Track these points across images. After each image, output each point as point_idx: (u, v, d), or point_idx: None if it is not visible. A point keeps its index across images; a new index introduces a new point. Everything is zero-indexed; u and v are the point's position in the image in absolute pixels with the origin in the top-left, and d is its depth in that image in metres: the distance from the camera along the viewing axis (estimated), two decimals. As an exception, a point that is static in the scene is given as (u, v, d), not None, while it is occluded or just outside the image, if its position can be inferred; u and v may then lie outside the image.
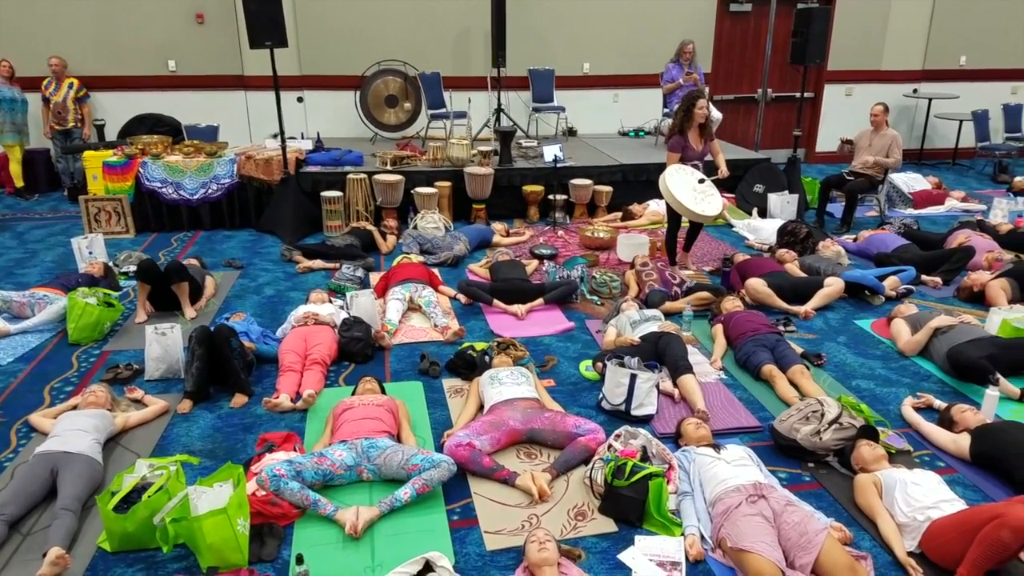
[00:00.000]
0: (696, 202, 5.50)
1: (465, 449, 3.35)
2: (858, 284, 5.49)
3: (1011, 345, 4.33)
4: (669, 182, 5.50)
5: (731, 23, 9.72)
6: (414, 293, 5.28)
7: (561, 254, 6.52)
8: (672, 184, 5.49)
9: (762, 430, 3.80)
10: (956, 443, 3.54)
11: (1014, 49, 10.33)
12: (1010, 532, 2.51)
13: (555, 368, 4.50)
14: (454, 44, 9.00)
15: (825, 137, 10.23)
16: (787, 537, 2.78)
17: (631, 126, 9.53)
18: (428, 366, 4.42)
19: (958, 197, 8.39)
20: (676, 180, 5.54)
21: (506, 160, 7.68)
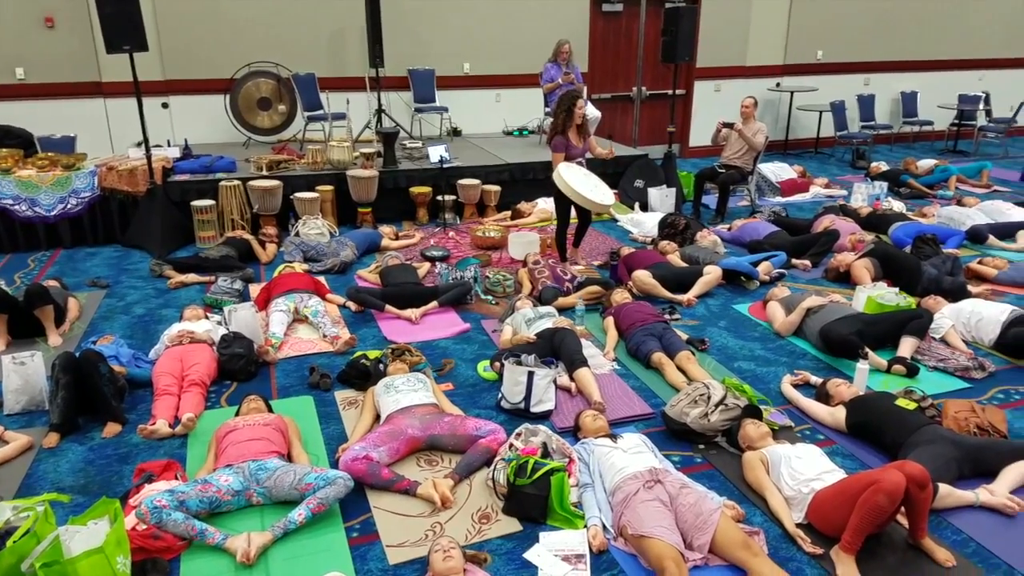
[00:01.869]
0: (593, 192, 5.63)
1: (362, 463, 3.26)
2: (734, 271, 5.74)
3: (876, 320, 4.64)
4: (565, 176, 5.58)
5: (604, 23, 9.95)
6: (299, 303, 5.10)
7: (453, 255, 6.48)
8: (568, 178, 5.58)
9: (655, 416, 3.90)
10: (833, 416, 3.75)
11: (865, 43, 11.08)
12: (885, 496, 2.67)
13: (453, 371, 4.45)
14: (329, 44, 8.78)
15: (698, 132, 10.65)
16: (684, 519, 2.86)
17: (515, 125, 9.60)
18: (318, 379, 4.26)
19: (821, 184, 8.93)
20: (570, 174, 5.63)
21: (390, 162, 7.55)
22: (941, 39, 11.43)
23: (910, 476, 2.70)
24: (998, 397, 4.09)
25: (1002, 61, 11.86)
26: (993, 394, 4.12)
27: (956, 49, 11.57)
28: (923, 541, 2.84)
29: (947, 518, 3.07)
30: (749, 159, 7.53)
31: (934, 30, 11.33)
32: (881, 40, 11.13)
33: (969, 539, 2.97)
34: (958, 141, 11.43)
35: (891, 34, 11.14)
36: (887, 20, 11.02)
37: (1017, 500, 3.11)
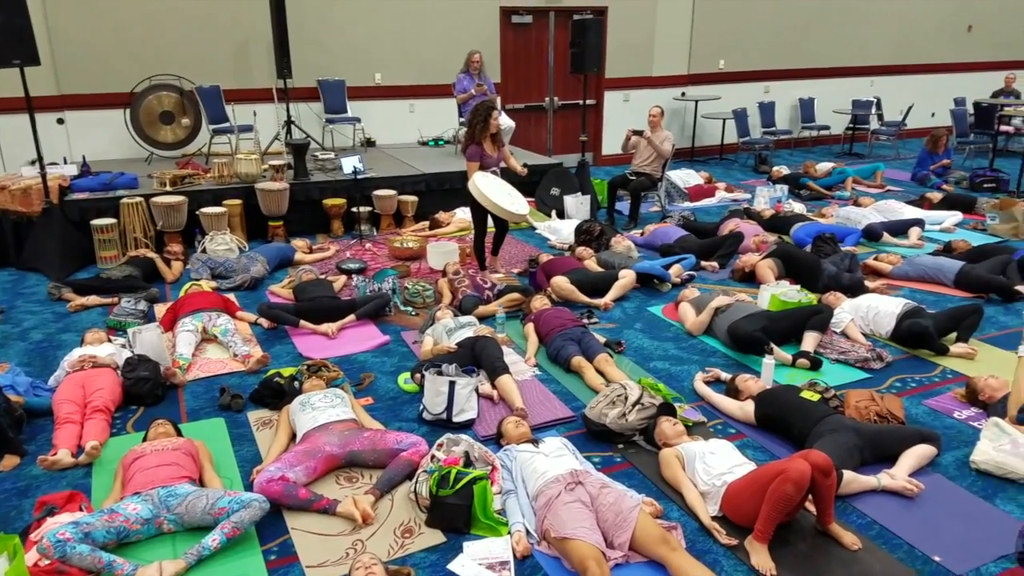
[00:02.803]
0: (509, 202, 5.66)
1: (278, 484, 3.17)
2: (648, 274, 5.89)
3: (780, 317, 4.84)
4: (480, 186, 5.60)
5: (514, 34, 10.07)
6: (207, 323, 4.93)
7: (370, 267, 6.40)
8: (484, 188, 5.60)
9: (576, 419, 3.95)
10: (743, 410, 3.89)
11: (764, 53, 11.58)
12: (792, 485, 2.78)
13: (373, 385, 4.40)
14: (234, 56, 8.56)
15: (609, 141, 10.87)
16: (604, 518, 2.91)
17: (430, 135, 9.58)
18: (230, 400, 4.12)
19: (726, 188, 9.26)
20: (485, 183, 5.65)
21: (301, 174, 7.41)
22: (835, 48, 12.05)
23: (815, 464, 2.82)
24: (895, 386, 4.33)
25: (891, 68, 12.58)
26: (891, 383, 4.35)
27: (849, 57, 12.21)
28: (830, 526, 2.97)
29: (852, 503, 3.22)
30: (658, 166, 7.74)
31: (828, 40, 11.94)
32: (779, 50, 11.65)
33: (873, 522, 3.12)
34: (853, 144, 12.06)
35: (788, 44, 11.68)
36: (784, 31, 11.55)
37: (915, 482, 3.28)
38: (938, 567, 2.87)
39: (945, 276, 5.81)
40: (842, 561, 2.86)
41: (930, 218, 7.59)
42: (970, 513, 3.18)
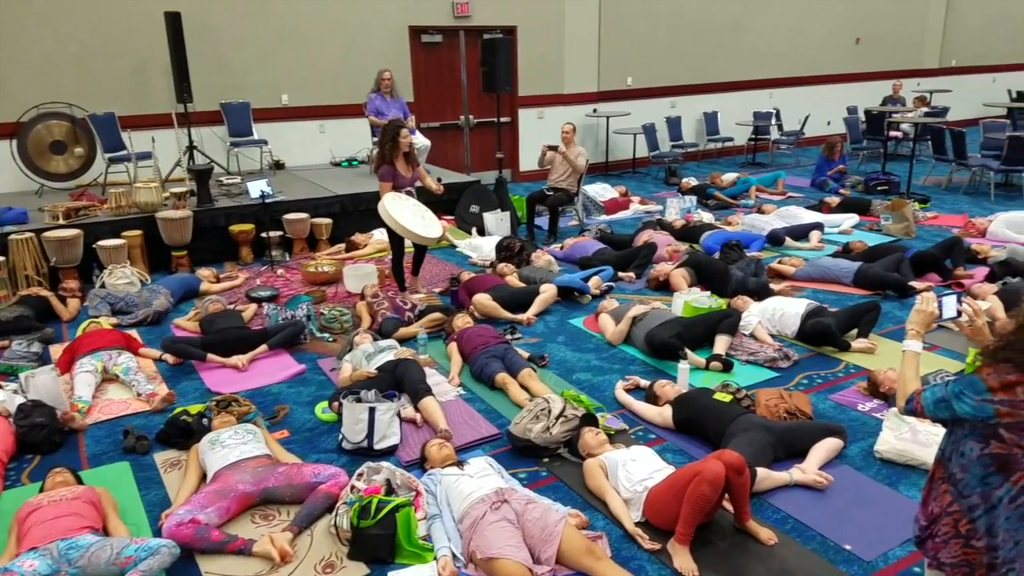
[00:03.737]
0: (420, 225, 5.60)
1: (188, 527, 3.01)
2: (568, 287, 5.94)
3: (693, 323, 4.96)
4: (390, 209, 5.52)
5: (425, 54, 10.06)
6: (108, 362, 4.67)
7: (283, 294, 6.22)
8: (393, 210, 5.52)
9: (501, 436, 3.92)
10: (661, 415, 3.95)
11: (669, 69, 11.93)
12: (708, 486, 2.83)
13: (288, 417, 4.25)
14: (129, 81, 8.23)
15: (526, 157, 10.96)
16: (531, 534, 2.88)
17: (343, 156, 9.44)
18: (134, 442, 3.90)
19: (640, 201, 9.47)
20: (396, 206, 5.57)
21: (205, 200, 7.16)
22: (735, 63, 12.52)
23: (728, 464, 2.88)
24: (803, 383, 4.48)
25: (788, 80, 13.15)
26: (798, 380, 4.50)
27: (749, 71, 12.71)
28: (747, 523, 3.04)
29: (767, 499, 3.30)
30: (573, 181, 7.84)
31: (729, 55, 12.40)
32: (683, 66, 12.03)
33: (788, 516, 3.20)
34: (756, 154, 12.55)
35: (691, 60, 12.07)
36: (687, 48, 11.95)
37: (825, 475, 3.40)
38: (849, 555, 2.97)
39: (844, 276, 6.08)
40: (760, 557, 2.93)
41: (829, 221, 7.96)
42: (877, 501, 3.31)
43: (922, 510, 2.15)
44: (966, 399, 1.93)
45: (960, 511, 2.02)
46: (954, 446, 2.03)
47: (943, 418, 2.02)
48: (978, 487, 1.98)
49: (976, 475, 1.98)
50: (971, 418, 1.94)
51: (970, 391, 1.93)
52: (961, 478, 2.01)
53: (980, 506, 1.99)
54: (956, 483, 2.02)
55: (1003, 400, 1.88)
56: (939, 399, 2.00)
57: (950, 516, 2.04)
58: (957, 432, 2.03)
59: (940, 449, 2.09)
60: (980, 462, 1.97)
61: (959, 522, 2.02)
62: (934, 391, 2.03)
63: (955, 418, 1.99)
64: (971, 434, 1.98)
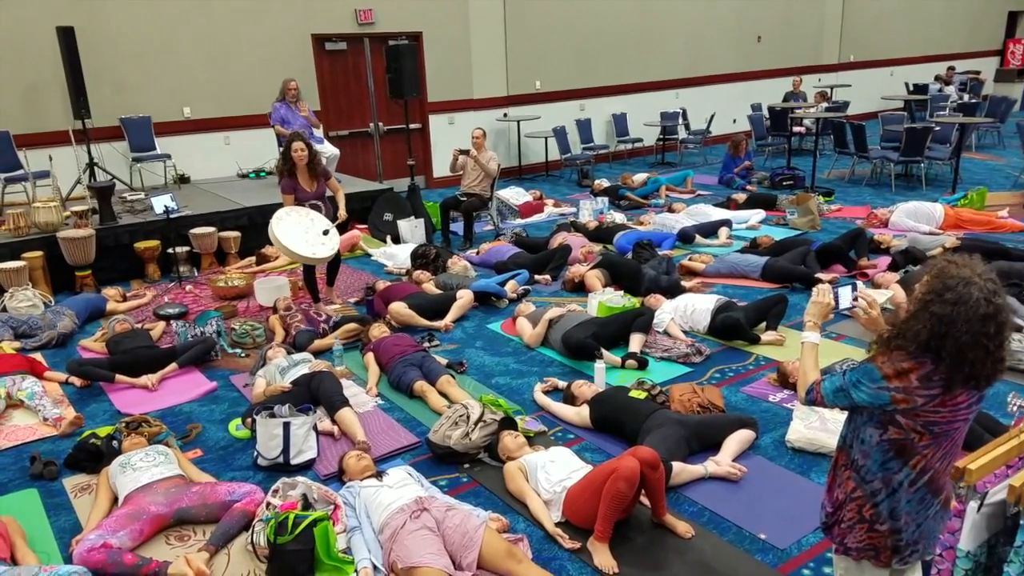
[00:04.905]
0: (304, 245, 5.48)
1: (99, 552, 2.94)
2: (485, 292, 5.99)
3: (608, 322, 5.07)
4: (276, 228, 5.43)
5: (330, 61, 9.94)
6: (11, 387, 4.49)
7: (192, 310, 6.06)
8: (279, 230, 5.42)
9: (421, 445, 3.93)
10: (579, 415, 4.03)
11: (576, 72, 12.10)
12: (624, 482, 2.91)
13: (201, 435, 4.16)
14: (22, 98, 7.86)
15: (439, 163, 10.93)
16: (451, 541, 2.91)
17: (250, 167, 9.23)
18: (42, 468, 3.78)
19: (554, 204, 9.58)
20: (283, 225, 5.47)
21: (108, 218, 6.91)
22: (640, 64, 12.78)
23: (643, 460, 2.97)
24: (715, 376, 4.63)
25: (693, 80, 13.49)
26: (711, 374, 4.66)
27: (654, 72, 13.00)
28: (664, 518, 3.13)
29: (683, 493, 3.40)
30: (487, 186, 7.90)
31: (634, 57, 12.65)
32: (590, 69, 12.22)
33: (704, 508, 3.31)
34: (665, 154, 12.87)
35: (598, 62, 12.27)
36: (593, 50, 12.14)
37: (739, 466, 3.52)
38: (764, 544, 3.08)
39: (752, 270, 6.29)
40: (677, 550, 3.02)
41: (736, 217, 8.20)
42: (789, 490, 3.42)
43: (828, 496, 2.18)
44: (863, 387, 1.97)
45: (863, 496, 2.06)
46: (854, 433, 2.07)
47: (842, 406, 2.06)
48: (879, 472, 2.01)
49: (877, 460, 2.01)
50: (869, 406, 1.98)
51: (866, 379, 1.97)
52: (863, 464, 2.04)
53: (882, 491, 2.02)
54: (858, 469, 2.05)
55: (898, 387, 1.92)
56: (837, 388, 2.04)
57: (854, 502, 2.08)
58: (856, 419, 2.07)
59: (841, 436, 2.14)
60: (880, 448, 2.00)
61: (863, 507, 2.06)
62: (833, 381, 2.07)
63: (854, 406, 2.03)
64: (870, 421, 2.02)
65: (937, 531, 2.11)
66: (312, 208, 5.79)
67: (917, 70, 16.40)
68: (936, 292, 1.88)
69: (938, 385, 1.90)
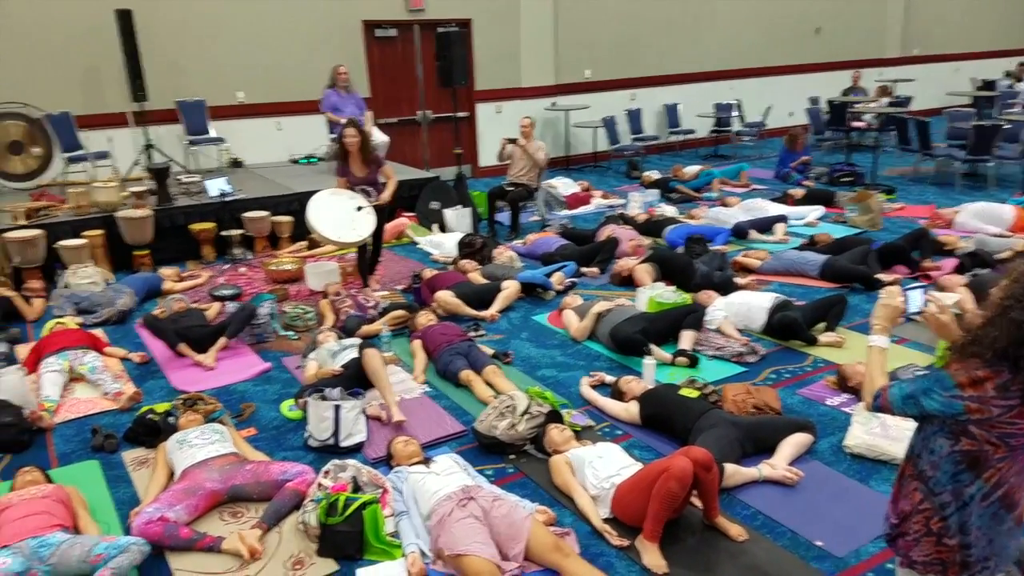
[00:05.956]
0: (336, 226, 5.56)
1: (157, 525, 3.02)
2: (531, 283, 5.97)
3: (658, 318, 5.00)
4: (311, 210, 5.56)
5: (380, 48, 9.98)
6: (74, 361, 4.63)
7: (246, 292, 6.17)
8: (313, 213, 5.55)
9: (467, 434, 3.94)
10: (628, 411, 3.98)
11: (628, 61, 11.95)
12: (676, 482, 2.86)
13: (254, 415, 4.24)
14: (83, 81, 8.07)
15: (486, 152, 10.91)
16: (498, 530, 2.92)
17: (301, 153, 9.35)
18: (102, 441, 3.90)
19: (602, 195, 9.51)
20: (320, 206, 5.58)
21: (165, 199, 7.07)
22: (695, 54, 12.54)
23: (696, 460, 2.91)
24: (770, 377, 4.52)
25: (749, 71, 13.20)
26: (766, 375, 4.54)
27: (709, 62, 12.74)
28: (716, 520, 3.07)
29: (736, 495, 3.33)
30: (534, 176, 7.86)
31: (688, 46, 12.43)
32: (642, 58, 12.05)
33: (757, 512, 3.23)
34: (718, 146, 12.65)
35: (650, 51, 12.08)
36: (645, 38, 11.95)
37: (795, 470, 3.42)
38: (820, 551, 2.99)
39: (810, 269, 6.10)
40: (729, 553, 2.96)
41: (793, 214, 7.96)
42: (848, 496, 3.32)
43: (892, 508, 2.10)
44: (934, 395, 1.88)
45: (931, 509, 1.97)
46: (924, 443, 1.99)
47: (911, 415, 1.98)
48: (949, 484, 1.93)
49: (947, 472, 1.93)
50: (940, 415, 1.89)
51: (938, 387, 1.88)
52: (932, 475, 1.96)
53: (952, 504, 1.94)
54: (927, 480, 1.98)
55: (972, 396, 1.83)
56: (907, 395, 1.96)
57: (921, 514, 2.00)
58: (926, 429, 1.98)
59: (910, 446, 2.05)
60: (950, 459, 1.92)
61: (930, 520, 1.98)
62: (902, 387, 1.98)
63: (924, 415, 1.94)
64: (941, 431, 1.93)
65: (1011, 548, 2.02)
66: (363, 194, 5.84)
67: (985, 65, 15.71)
68: (1016, 297, 1.80)
69: (1016, 396, 1.81)
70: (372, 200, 5.83)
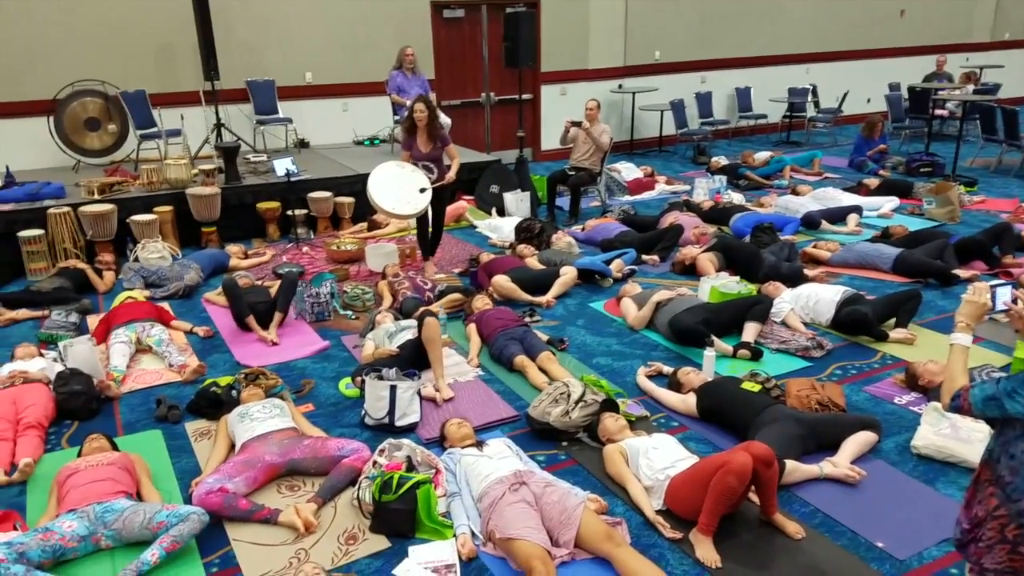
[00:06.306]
0: (394, 199, 5.61)
1: (217, 495, 3.10)
2: (589, 270, 5.89)
3: (721, 309, 4.87)
4: (371, 180, 5.64)
5: (447, 29, 9.97)
6: (141, 333, 4.79)
7: (308, 271, 6.28)
8: (374, 182, 5.62)
9: (520, 418, 3.93)
10: (685, 403, 3.91)
11: (699, 43, 11.66)
12: (734, 477, 2.79)
13: (313, 391, 4.32)
14: (157, 59, 8.29)
15: (548, 136, 10.83)
16: (549, 517, 2.90)
17: (365, 134, 9.44)
18: (166, 411, 4.02)
19: (666, 181, 9.34)
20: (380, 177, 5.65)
21: (233, 177, 7.23)
22: (769, 36, 12.18)
23: (756, 456, 2.83)
24: (836, 373, 4.38)
25: (826, 55, 12.74)
26: (831, 371, 4.40)
27: (783, 45, 12.36)
28: (774, 516, 2.99)
29: (795, 492, 3.24)
30: (597, 160, 7.76)
31: (762, 27, 12.06)
32: (714, 39, 11.75)
33: (816, 510, 3.14)
34: (790, 132, 12.25)
35: (722, 33, 11.78)
36: (717, 19, 11.64)
37: (857, 469, 3.32)
38: (881, 553, 2.90)
39: (883, 262, 5.89)
40: (786, 550, 2.89)
41: (867, 204, 7.70)
42: (912, 498, 3.22)
43: (965, 512, 2.04)
44: (1019, 397, 1.82)
45: (1008, 516, 1.91)
46: (1003, 447, 1.92)
47: (992, 417, 1.91)
48: None
49: None
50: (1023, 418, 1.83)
51: None
52: (1010, 481, 1.91)
53: None
54: (1004, 486, 1.92)
55: None
56: (989, 397, 1.89)
57: (996, 520, 1.94)
58: (1007, 433, 1.91)
59: (987, 450, 1.99)
60: None
61: (1006, 527, 1.92)
62: (984, 388, 1.92)
63: (1006, 417, 1.87)
64: (1022, 435, 1.87)
65: None
66: (424, 170, 5.86)
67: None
68: None
69: None
70: (433, 178, 5.85)
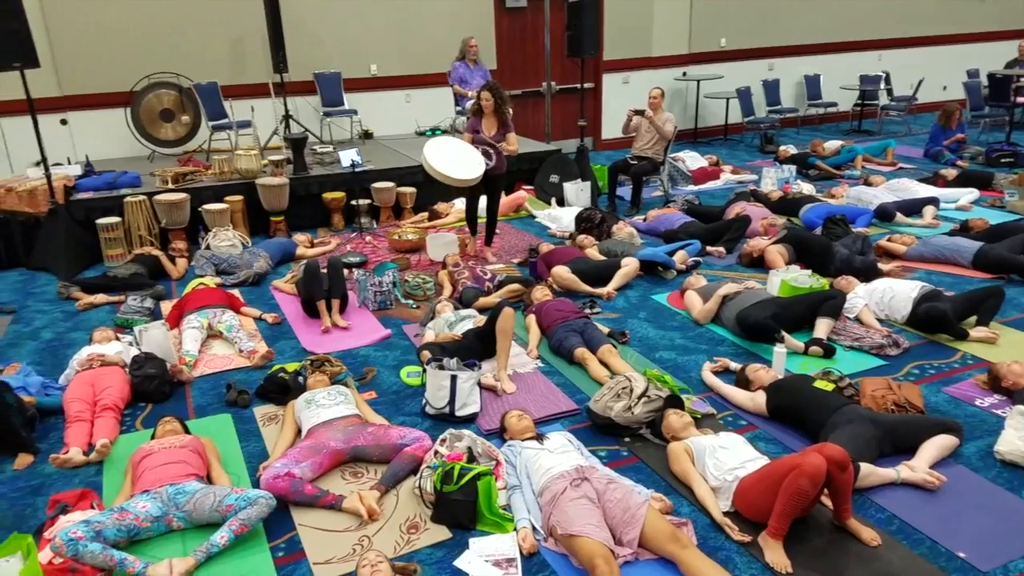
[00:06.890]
0: (446, 164, 5.71)
1: (284, 480, 3.16)
2: (651, 261, 5.79)
3: (791, 303, 4.71)
4: (427, 147, 5.79)
5: (509, 19, 9.93)
6: (212, 319, 4.93)
7: (371, 260, 6.36)
8: (430, 150, 5.77)
9: (580, 412, 3.89)
10: (754, 401, 3.80)
11: (767, 29, 11.36)
12: (808, 480, 2.69)
13: (375, 379, 4.36)
14: (229, 52, 8.50)
15: (609, 125, 10.72)
16: (612, 515, 2.86)
17: (427, 125, 9.50)
18: (236, 396, 4.12)
19: (732, 171, 9.12)
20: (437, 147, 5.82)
21: (300, 168, 7.37)
22: (840, 22, 11.78)
23: (830, 458, 2.73)
24: (913, 373, 4.20)
25: (900, 40, 12.28)
26: (908, 370, 4.23)
27: (855, 31, 11.94)
28: (848, 521, 2.88)
29: (870, 497, 3.12)
30: (660, 149, 7.62)
31: (833, 12, 11.67)
32: (782, 25, 11.43)
33: (893, 516, 3.02)
34: (862, 121, 11.84)
35: (791, 18, 11.44)
36: (785, 5, 11.32)
37: (937, 474, 3.17)
38: (963, 564, 2.78)
39: (962, 257, 5.64)
40: (861, 557, 2.78)
41: (945, 196, 7.39)
42: (996, 506, 3.07)
43: None
44: None
45: None
46: None
47: None
48: None
49: None
50: None
51: None
52: None
53: None
54: None
55: None
56: None
57: None
58: None
59: None
60: None
61: None
62: None
63: None
64: None
65: None
66: (483, 152, 5.91)
67: None
68: None
69: None
70: (491, 164, 5.93)
